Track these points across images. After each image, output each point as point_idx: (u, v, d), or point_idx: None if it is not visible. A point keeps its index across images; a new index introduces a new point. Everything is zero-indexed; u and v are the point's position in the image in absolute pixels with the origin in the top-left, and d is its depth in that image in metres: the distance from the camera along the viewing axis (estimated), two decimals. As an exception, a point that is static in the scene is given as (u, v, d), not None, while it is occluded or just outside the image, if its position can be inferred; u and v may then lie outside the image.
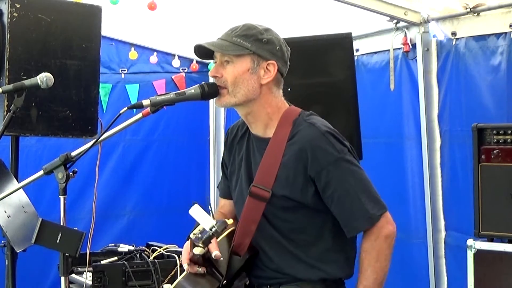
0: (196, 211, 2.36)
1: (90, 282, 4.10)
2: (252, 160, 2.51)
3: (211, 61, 7.08)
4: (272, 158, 2.41)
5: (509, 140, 3.59)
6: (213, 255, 2.32)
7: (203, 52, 2.47)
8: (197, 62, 6.32)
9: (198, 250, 2.32)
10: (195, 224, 2.39)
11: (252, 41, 2.41)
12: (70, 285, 3.70)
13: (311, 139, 2.37)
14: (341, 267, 2.45)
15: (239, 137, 2.60)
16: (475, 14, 4.25)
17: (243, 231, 2.44)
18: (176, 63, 6.23)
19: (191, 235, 2.37)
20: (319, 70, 3.78)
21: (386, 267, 2.40)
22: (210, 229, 2.32)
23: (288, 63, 2.52)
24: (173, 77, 6.25)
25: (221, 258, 2.36)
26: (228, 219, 2.46)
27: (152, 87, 6.11)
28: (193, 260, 2.39)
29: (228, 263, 2.42)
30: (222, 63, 2.45)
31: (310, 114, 2.49)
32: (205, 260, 2.40)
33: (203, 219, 2.36)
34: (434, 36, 4.59)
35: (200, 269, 2.39)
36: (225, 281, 2.41)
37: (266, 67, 2.43)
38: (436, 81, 4.58)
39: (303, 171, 2.37)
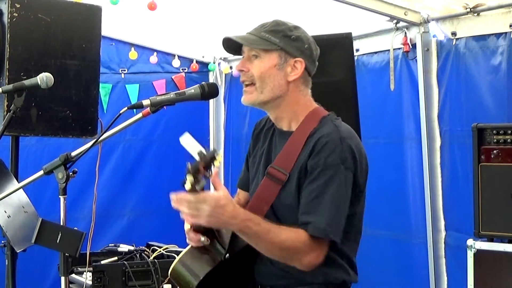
0: (186, 140, 2.26)
1: (90, 282, 4.10)
2: (272, 152, 2.49)
3: (211, 61, 7.08)
4: (293, 147, 2.39)
5: (509, 140, 3.59)
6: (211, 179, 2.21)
7: (232, 46, 2.45)
8: (197, 62, 6.32)
9: (187, 180, 2.16)
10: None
11: (280, 37, 2.39)
12: (70, 285, 3.70)
13: (327, 136, 2.33)
14: (345, 271, 2.42)
15: (265, 130, 2.58)
16: (475, 14, 4.25)
17: (253, 209, 2.37)
18: (176, 63, 6.23)
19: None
20: (319, 70, 3.77)
21: (274, 249, 2.29)
22: (198, 154, 2.18)
23: (317, 63, 2.49)
24: (173, 77, 6.25)
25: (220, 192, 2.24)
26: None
27: (152, 87, 6.11)
28: (195, 229, 2.36)
29: (231, 237, 2.36)
30: (249, 57, 2.42)
31: (339, 119, 2.46)
32: (209, 230, 2.36)
33: (192, 147, 2.23)
34: (434, 36, 4.59)
35: (203, 238, 2.35)
36: (227, 255, 2.36)
37: (294, 64, 2.40)
38: (436, 81, 4.59)
39: (305, 161, 2.35)
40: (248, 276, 2.51)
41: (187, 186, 2.17)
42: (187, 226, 2.40)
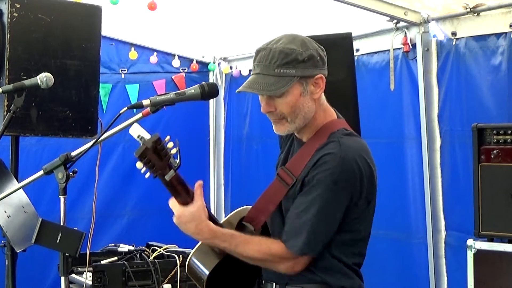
0: (134, 129, 2.33)
1: (90, 282, 4.10)
2: (289, 158, 2.50)
3: (211, 61, 7.07)
4: (303, 155, 2.40)
5: (509, 140, 3.59)
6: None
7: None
8: (197, 62, 6.32)
9: (138, 165, 2.30)
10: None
11: (295, 66, 2.32)
12: (70, 285, 3.69)
13: (329, 154, 2.33)
14: (346, 278, 2.41)
15: (290, 137, 2.57)
16: (475, 14, 4.25)
17: (260, 207, 2.44)
18: (176, 63, 6.23)
19: None
20: (319, 70, 3.79)
21: (247, 260, 2.39)
22: (138, 138, 2.28)
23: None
24: (173, 77, 6.25)
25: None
26: None
27: (152, 87, 6.11)
28: None
29: (236, 228, 2.43)
30: (270, 96, 2.36)
31: (348, 134, 2.43)
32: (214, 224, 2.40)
33: (136, 133, 2.33)
34: (434, 36, 4.59)
35: None
36: None
37: (314, 82, 2.38)
38: (436, 81, 4.58)
39: (305, 173, 2.37)
40: (257, 272, 2.53)
41: (142, 171, 2.30)
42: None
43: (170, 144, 2.25)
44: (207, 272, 2.43)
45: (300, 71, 2.33)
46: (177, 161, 2.28)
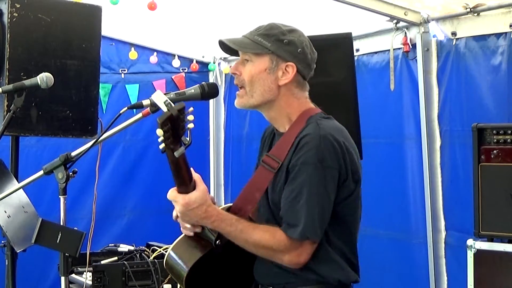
0: (157, 96, 2.30)
1: (90, 282, 4.10)
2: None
3: (211, 61, 7.08)
4: (284, 142, 2.41)
5: (509, 140, 3.59)
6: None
7: (228, 47, 2.46)
8: (197, 62, 6.32)
9: (158, 132, 2.14)
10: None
11: (273, 41, 2.39)
12: (70, 285, 3.70)
13: (308, 135, 2.34)
14: (341, 268, 2.40)
15: (270, 134, 2.60)
16: (475, 14, 4.24)
17: (245, 196, 2.43)
18: (176, 63, 6.23)
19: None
20: (319, 70, 3.77)
21: (250, 248, 2.35)
22: (165, 104, 2.23)
23: (313, 66, 2.49)
24: (173, 77, 6.25)
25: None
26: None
27: (152, 87, 6.10)
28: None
29: None
30: (242, 61, 2.44)
31: (325, 117, 2.45)
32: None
33: (160, 100, 2.28)
34: (434, 36, 4.59)
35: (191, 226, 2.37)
36: (218, 242, 2.35)
37: (285, 69, 2.41)
38: (436, 81, 4.58)
39: (289, 159, 2.37)
40: (251, 278, 2.51)
41: (160, 139, 2.16)
42: (174, 214, 2.40)
43: (191, 117, 2.19)
44: (186, 271, 2.34)
45: (275, 47, 2.39)
46: (188, 138, 2.24)
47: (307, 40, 2.47)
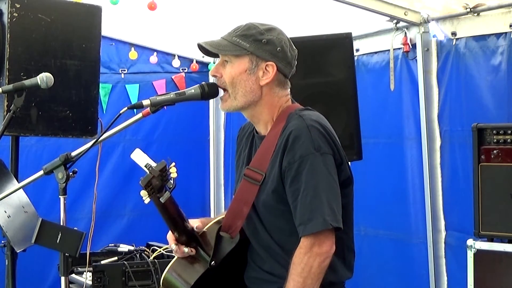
0: (137, 155, 2.32)
1: (90, 282, 4.10)
2: (253, 156, 2.49)
3: (211, 62, 7.08)
4: (266, 148, 2.40)
5: (509, 140, 3.59)
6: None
7: (207, 49, 2.45)
8: (197, 62, 6.31)
9: (142, 194, 2.24)
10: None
11: (251, 41, 2.39)
12: (70, 285, 3.70)
13: (294, 129, 2.33)
14: (332, 272, 2.36)
15: (247, 135, 2.58)
16: (475, 14, 4.25)
17: (234, 212, 2.41)
18: (176, 63, 6.23)
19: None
20: (319, 70, 3.79)
21: (311, 286, 2.26)
22: (146, 167, 2.27)
23: (294, 63, 2.48)
24: (173, 77, 6.24)
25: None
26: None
27: (152, 87, 6.10)
28: (179, 241, 2.39)
29: (216, 243, 2.39)
30: (223, 62, 2.44)
31: (305, 109, 2.45)
32: (192, 240, 2.39)
33: (141, 161, 2.31)
34: (434, 36, 4.59)
35: (187, 249, 2.38)
36: (213, 263, 2.37)
37: (265, 68, 2.40)
38: (436, 81, 4.58)
39: (280, 159, 2.35)
40: (243, 285, 2.51)
41: (145, 200, 2.24)
42: (169, 235, 2.42)
43: (174, 174, 2.25)
44: (189, 286, 2.37)
45: (253, 48, 2.38)
46: (172, 182, 2.27)
47: (286, 38, 2.46)
